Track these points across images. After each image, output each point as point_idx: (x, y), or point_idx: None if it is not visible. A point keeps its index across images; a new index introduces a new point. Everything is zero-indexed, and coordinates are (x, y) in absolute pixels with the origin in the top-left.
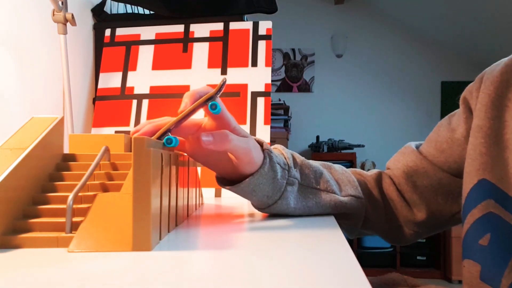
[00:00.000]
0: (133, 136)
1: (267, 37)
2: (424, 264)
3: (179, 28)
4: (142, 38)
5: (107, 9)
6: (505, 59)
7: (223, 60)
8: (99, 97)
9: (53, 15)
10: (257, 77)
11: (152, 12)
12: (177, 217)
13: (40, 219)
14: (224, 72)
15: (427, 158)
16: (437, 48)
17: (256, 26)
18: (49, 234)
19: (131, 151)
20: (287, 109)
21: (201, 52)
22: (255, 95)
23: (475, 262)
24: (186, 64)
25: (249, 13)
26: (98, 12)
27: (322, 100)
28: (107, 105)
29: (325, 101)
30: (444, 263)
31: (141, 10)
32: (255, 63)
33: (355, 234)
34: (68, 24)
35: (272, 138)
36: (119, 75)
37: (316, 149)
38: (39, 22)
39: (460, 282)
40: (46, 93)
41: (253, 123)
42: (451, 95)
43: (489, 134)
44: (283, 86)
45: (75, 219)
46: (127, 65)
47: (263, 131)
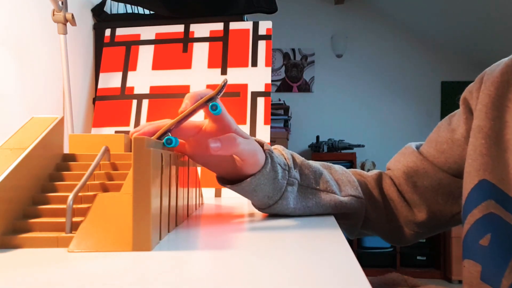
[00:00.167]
0: (133, 136)
1: (267, 37)
2: (424, 264)
3: (179, 28)
4: (142, 38)
5: (107, 9)
6: (506, 59)
7: (223, 60)
8: (99, 97)
9: (53, 15)
10: (257, 77)
11: (152, 12)
12: (177, 217)
13: (40, 219)
14: (224, 72)
15: (428, 158)
16: (437, 48)
17: (256, 26)
18: (49, 234)
19: (131, 151)
20: (287, 109)
21: (201, 52)
22: (255, 95)
23: (476, 262)
24: (186, 64)
25: (249, 13)
26: (98, 12)
27: (322, 100)
28: (107, 105)
29: (325, 101)
30: (444, 263)
31: (141, 10)
32: (255, 63)
33: (355, 234)
34: (68, 24)
35: (272, 138)
36: (119, 75)
37: (316, 149)
38: (39, 22)
39: (460, 282)
40: (46, 93)
41: (253, 123)
42: (451, 95)
43: (489, 134)
44: (283, 86)
45: (75, 219)
46: (127, 65)
47: (263, 131)
